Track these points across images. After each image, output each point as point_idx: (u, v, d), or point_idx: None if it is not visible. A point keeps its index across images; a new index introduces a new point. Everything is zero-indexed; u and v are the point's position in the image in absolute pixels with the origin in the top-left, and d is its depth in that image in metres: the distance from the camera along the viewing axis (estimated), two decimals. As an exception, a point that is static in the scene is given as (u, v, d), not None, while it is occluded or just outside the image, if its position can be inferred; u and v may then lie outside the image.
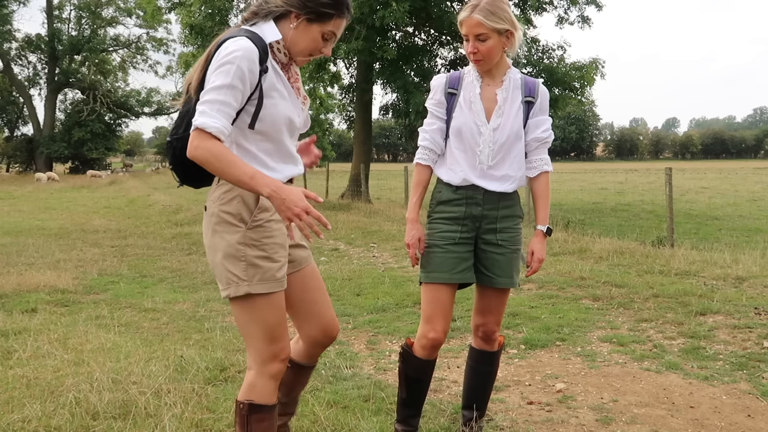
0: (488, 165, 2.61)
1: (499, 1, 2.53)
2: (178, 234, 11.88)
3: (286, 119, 2.11)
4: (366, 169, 18.69)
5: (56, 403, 3.12)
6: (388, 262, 8.27)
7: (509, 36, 2.55)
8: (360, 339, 4.73)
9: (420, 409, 2.85)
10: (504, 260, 2.66)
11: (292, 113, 2.13)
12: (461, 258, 2.63)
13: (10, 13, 43.47)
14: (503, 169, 2.62)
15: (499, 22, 2.51)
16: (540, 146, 2.69)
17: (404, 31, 18.28)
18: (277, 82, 2.10)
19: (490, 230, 2.65)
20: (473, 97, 2.62)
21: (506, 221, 2.66)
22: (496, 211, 2.64)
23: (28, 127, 51.41)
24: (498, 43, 2.54)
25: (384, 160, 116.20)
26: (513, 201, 2.68)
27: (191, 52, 18.96)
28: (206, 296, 6.29)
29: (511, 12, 2.58)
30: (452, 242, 2.63)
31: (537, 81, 2.70)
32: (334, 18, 2.11)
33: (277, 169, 2.13)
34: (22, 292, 6.27)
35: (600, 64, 17.42)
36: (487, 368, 2.87)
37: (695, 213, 16.63)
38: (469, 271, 2.66)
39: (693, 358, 4.06)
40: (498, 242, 2.65)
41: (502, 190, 2.62)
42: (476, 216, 2.63)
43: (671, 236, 8.65)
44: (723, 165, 71.36)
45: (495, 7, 2.51)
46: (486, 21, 2.49)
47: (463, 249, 2.64)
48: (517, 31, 2.56)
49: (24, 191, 27.64)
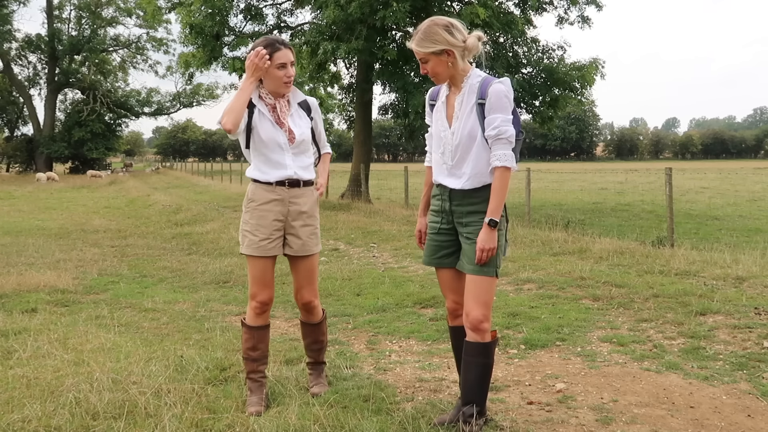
0: (450, 165, 2.95)
1: (433, 26, 2.85)
2: (178, 234, 11.88)
3: (270, 141, 3.26)
4: (366, 169, 18.68)
5: (56, 403, 3.12)
6: (388, 262, 8.27)
7: (449, 53, 2.84)
8: (360, 339, 4.73)
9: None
10: (470, 250, 2.91)
11: (275, 137, 3.26)
12: (440, 246, 3.04)
13: (10, 13, 43.48)
14: (462, 167, 2.93)
15: (430, 46, 2.84)
16: (493, 142, 2.85)
17: (404, 31, 18.27)
18: (261, 118, 3.26)
19: (459, 223, 2.98)
20: (440, 105, 3.02)
21: (472, 216, 2.92)
22: (462, 207, 2.95)
23: (28, 127, 51.51)
24: (438, 62, 2.87)
25: (384, 160, 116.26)
26: (480, 198, 2.91)
27: (191, 52, 18.92)
28: (206, 296, 6.30)
29: (448, 31, 2.83)
30: (435, 231, 3.06)
31: (491, 81, 2.86)
32: (273, 54, 3.17)
33: (268, 173, 3.29)
34: (22, 292, 6.27)
35: (600, 64, 17.39)
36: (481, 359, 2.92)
37: (695, 213, 16.63)
38: (447, 257, 3.04)
39: (693, 358, 4.06)
40: (464, 234, 2.95)
41: (459, 187, 2.92)
42: (447, 210, 3.00)
43: (671, 236, 8.65)
44: (723, 165, 71.39)
45: (427, 32, 2.84)
46: (418, 48, 2.87)
47: (444, 238, 3.03)
48: (455, 47, 2.82)
49: (24, 191, 27.64)
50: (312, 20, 19.10)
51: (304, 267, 3.38)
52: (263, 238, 3.26)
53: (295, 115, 3.35)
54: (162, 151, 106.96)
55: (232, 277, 7.25)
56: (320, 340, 3.58)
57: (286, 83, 3.24)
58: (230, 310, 5.72)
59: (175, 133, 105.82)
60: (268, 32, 19.02)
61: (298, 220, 3.32)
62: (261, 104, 3.27)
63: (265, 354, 3.41)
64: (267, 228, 3.27)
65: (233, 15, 18.57)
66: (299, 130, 3.31)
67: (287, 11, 19.76)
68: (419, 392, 3.55)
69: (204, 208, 16.66)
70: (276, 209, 3.28)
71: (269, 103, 3.29)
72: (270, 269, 3.32)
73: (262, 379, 3.37)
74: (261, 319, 3.35)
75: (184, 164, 65.31)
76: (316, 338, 3.57)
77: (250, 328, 3.35)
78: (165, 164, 73.01)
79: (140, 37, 50.07)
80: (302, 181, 3.32)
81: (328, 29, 15.82)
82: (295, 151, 3.30)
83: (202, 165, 58.06)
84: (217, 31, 17.46)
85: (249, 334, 3.36)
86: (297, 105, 3.39)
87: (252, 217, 3.28)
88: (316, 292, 3.49)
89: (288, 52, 3.22)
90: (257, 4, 19.08)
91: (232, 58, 18.54)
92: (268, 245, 3.27)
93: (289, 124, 3.30)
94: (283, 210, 3.29)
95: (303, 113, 3.39)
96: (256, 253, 3.26)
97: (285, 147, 3.27)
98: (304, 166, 3.35)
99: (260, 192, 3.29)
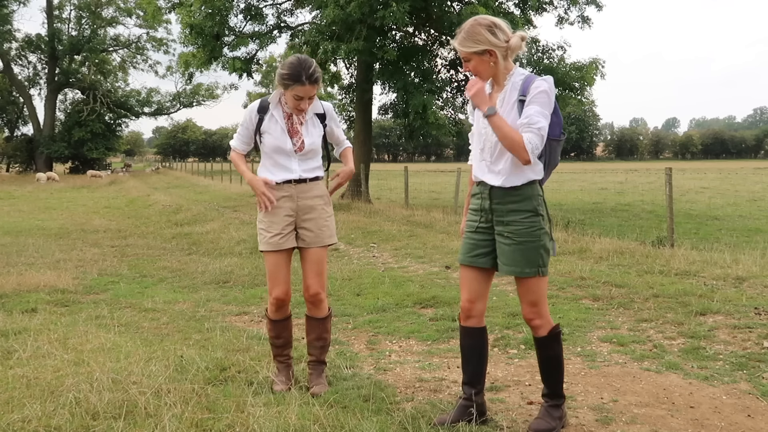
0: (489, 161, 2.94)
1: (476, 25, 2.85)
2: (178, 234, 11.88)
3: (276, 147, 3.44)
4: (366, 169, 18.68)
5: (56, 403, 3.12)
6: (388, 262, 8.27)
7: (491, 53, 2.84)
8: (360, 339, 4.73)
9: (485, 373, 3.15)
10: (509, 250, 2.89)
11: (281, 144, 3.43)
12: (476, 245, 3.01)
13: (10, 13, 43.46)
14: (500, 164, 2.91)
15: (473, 46, 2.84)
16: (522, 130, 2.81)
17: (404, 31, 18.26)
18: (272, 124, 3.44)
19: (500, 222, 2.93)
20: None
21: (514, 215, 2.90)
22: (503, 205, 2.92)
23: (28, 127, 51.50)
24: (480, 61, 2.86)
25: (384, 160, 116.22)
26: (521, 196, 2.89)
27: (191, 52, 18.91)
28: (206, 296, 6.30)
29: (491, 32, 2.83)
30: (472, 230, 3.03)
31: (532, 78, 2.85)
32: (294, 85, 3.27)
33: (275, 174, 3.48)
34: (22, 292, 6.27)
35: (600, 64, 17.40)
36: (541, 351, 3.06)
37: (695, 213, 16.63)
38: (484, 256, 2.99)
39: (693, 358, 4.06)
40: (505, 234, 2.91)
41: (498, 185, 2.90)
42: (487, 209, 2.96)
43: (671, 236, 8.65)
44: (723, 165, 71.39)
45: (470, 32, 2.85)
46: (460, 47, 2.88)
47: (481, 237, 3.00)
48: (497, 48, 2.82)
49: (24, 191, 27.64)
50: (312, 20, 19.11)
51: (313, 258, 3.49)
52: (275, 233, 3.45)
53: (309, 123, 3.50)
54: (162, 151, 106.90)
55: (232, 277, 7.25)
56: (324, 337, 3.62)
57: (298, 112, 3.41)
58: (230, 310, 5.72)
59: (175, 133, 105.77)
60: (268, 32, 19.02)
61: (308, 213, 3.49)
62: (278, 110, 3.44)
63: (289, 341, 3.67)
64: (278, 224, 3.45)
65: (233, 15, 18.56)
66: (310, 139, 3.47)
67: (287, 11, 19.77)
68: (419, 392, 3.55)
69: (204, 208, 16.66)
70: (286, 205, 3.46)
71: (286, 111, 3.45)
72: (283, 265, 3.48)
73: (287, 360, 3.65)
74: (280, 313, 3.59)
75: (184, 164, 65.29)
76: (320, 335, 3.60)
77: (272, 321, 3.61)
78: (165, 164, 72.96)
79: (140, 37, 50.17)
80: (308, 179, 3.49)
81: (328, 29, 15.82)
82: (302, 158, 3.47)
83: (202, 165, 58.08)
84: (217, 31, 17.45)
85: (272, 325, 3.63)
86: (314, 114, 3.52)
87: (265, 215, 3.47)
88: (324, 285, 3.55)
89: (309, 88, 3.28)
90: (257, 4, 19.08)
91: (232, 58, 18.54)
92: (279, 240, 3.45)
93: (303, 132, 3.46)
94: (292, 205, 3.47)
95: (317, 122, 3.53)
96: (269, 248, 3.46)
97: (291, 153, 3.44)
98: (310, 169, 3.51)
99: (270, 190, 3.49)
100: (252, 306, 5.85)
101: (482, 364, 3.11)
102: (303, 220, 3.48)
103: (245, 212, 15.40)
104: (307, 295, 3.55)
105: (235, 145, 3.64)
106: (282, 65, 3.33)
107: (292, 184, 3.46)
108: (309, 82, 3.26)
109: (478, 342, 3.09)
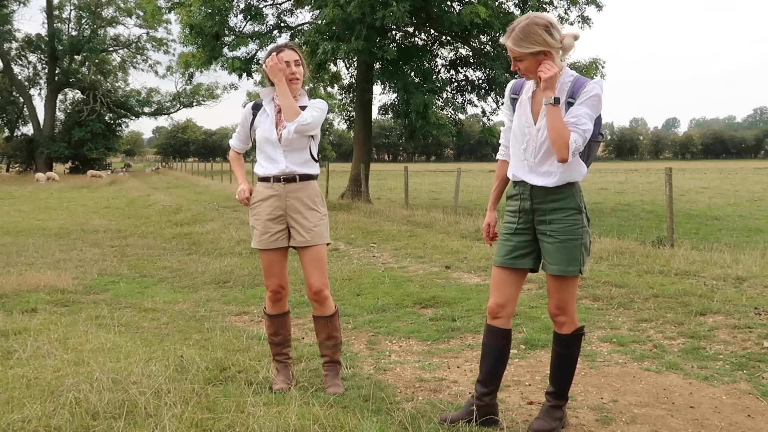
0: (533, 162, 2.88)
1: (533, 25, 2.74)
2: (178, 234, 11.88)
3: (264, 138, 3.54)
4: (366, 169, 18.67)
5: (56, 403, 3.12)
6: (388, 262, 8.27)
7: (546, 54, 2.75)
8: (360, 339, 4.73)
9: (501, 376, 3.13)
10: (554, 249, 2.86)
11: (267, 135, 3.52)
12: (516, 246, 2.95)
13: (10, 13, 43.45)
14: (546, 165, 2.87)
15: (529, 47, 2.74)
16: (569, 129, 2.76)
17: (404, 31, 18.26)
18: (263, 118, 3.57)
19: (542, 222, 2.90)
20: (525, 101, 2.92)
21: (556, 213, 2.87)
22: (545, 204, 2.88)
23: (28, 127, 51.46)
24: (533, 62, 2.78)
25: (384, 160, 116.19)
26: (563, 194, 2.88)
27: (191, 52, 18.91)
28: (206, 296, 6.30)
29: (548, 32, 2.73)
30: (510, 232, 2.97)
31: (583, 81, 2.80)
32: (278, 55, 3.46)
33: (265, 168, 3.54)
34: (22, 292, 6.27)
35: (600, 64, 17.38)
36: (558, 348, 3.04)
37: (695, 213, 16.62)
38: (523, 258, 2.94)
39: (693, 358, 4.06)
40: (547, 233, 2.88)
41: (543, 185, 2.86)
42: (528, 209, 2.92)
43: (671, 236, 8.64)
44: (723, 165, 71.40)
45: (526, 32, 2.74)
46: (515, 47, 2.77)
47: (520, 238, 2.95)
48: (553, 48, 2.74)
49: (24, 191, 27.63)
50: (312, 20, 19.11)
51: (309, 257, 3.50)
52: (263, 232, 3.52)
53: None
54: (162, 151, 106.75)
55: (232, 277, 7.25)
56: (334, 335, 3.62)
57: (291, 80, 3.48)
58: (230, 310, 5.72)
59: (175, 133, 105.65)
60: (268, 32, 19.02)
61: (298, 213, 3.49)
62: (270, 105, 3.58)
63: (287, 338, 3.69)
64: (265, 223, 3.52)
65: (233, 15, 18.56)
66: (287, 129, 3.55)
67: (287, 11, 19.77)
68: (419, 392, 3.55)
69: (204, 208, 16.66)
70: (275, 204, 3.50)
71: (278, 104, 3.56)
72: (276, 261, 3.55)
73: (287, 360, 3.67)
74: (278, 307, 3.63)
75: (184, 164, 65.28)
76: (329, 333, 3.60)
77: (269, 316, 3.65)
78: (165, 164, 72.96)
79: (140, 37, 50.09)
80: (298, 176, 3.50)
81: (328, 29, 15.82)
82: (286, 149, 3.49)
83: (202, 165, 58.05)
84: (216, 31, 17.44)
85: (269, 321, 3.67)
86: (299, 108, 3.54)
87: (254, 213, 3.57)
88: (326, 281, 3.55)
89: (291, 52, 3.49)
90: (257, 4, 19.07)
91: (232, 58, 18.52)
92: (269, 239, 3.51)
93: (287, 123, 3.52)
94: (281, 204, 3.49)
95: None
96: (259, 246, 3.54)
97: (276, 144, 3.50)
98: (299, 162, 3.51)
99: (260, 189, 3.55)
100: (252, 306, 5.85)
101: (499, 366, 3.08)
102: (293, 219, 3.49)
103: (245, 212, 15.38)
104: (311, 294, 3.56)
105: (233, 145, 3.74)
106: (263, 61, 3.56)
107: (281, 183, 3.48)
108: (287, 47, 3.50)
109: (499, 343, 3.05)
